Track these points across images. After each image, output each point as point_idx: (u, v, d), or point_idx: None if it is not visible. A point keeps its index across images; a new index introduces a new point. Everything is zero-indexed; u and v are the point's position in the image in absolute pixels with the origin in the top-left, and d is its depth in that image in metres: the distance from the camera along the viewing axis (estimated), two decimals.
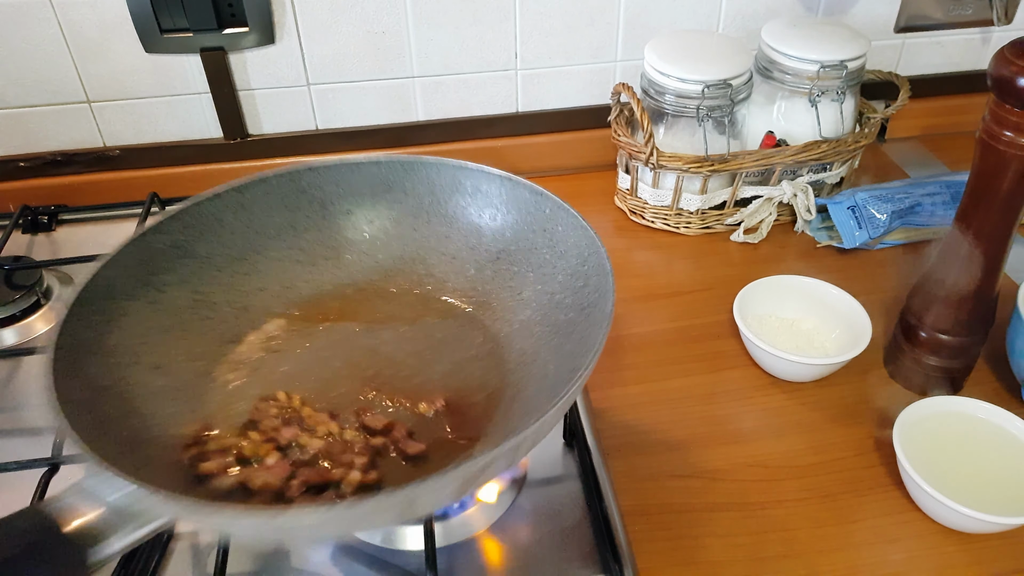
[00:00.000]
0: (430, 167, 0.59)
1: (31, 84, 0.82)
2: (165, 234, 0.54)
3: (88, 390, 0.45)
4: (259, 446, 0.50)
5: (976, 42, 0.97)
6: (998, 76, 0.51)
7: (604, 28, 0.87)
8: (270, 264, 0.59)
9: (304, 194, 0.59)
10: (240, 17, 0.80)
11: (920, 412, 0.58)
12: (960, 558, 0.53)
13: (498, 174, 0.58)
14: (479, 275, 0.59)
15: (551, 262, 0.55)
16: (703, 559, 0.54)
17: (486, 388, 0.53)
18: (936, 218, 0.80)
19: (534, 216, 0.56)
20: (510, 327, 0.56)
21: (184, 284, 0.55)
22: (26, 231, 0.86)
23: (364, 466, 0.48)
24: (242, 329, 0.56)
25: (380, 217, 0.61)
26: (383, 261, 0.61)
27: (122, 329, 0.50)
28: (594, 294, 0.50)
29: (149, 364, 0.51)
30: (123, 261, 0.51)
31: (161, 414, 0.49)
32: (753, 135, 0.82)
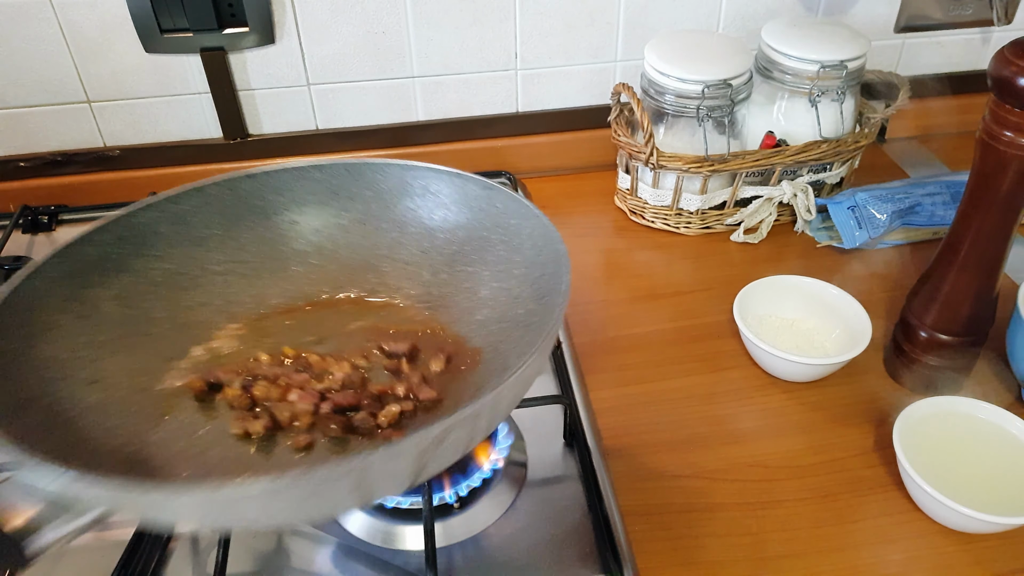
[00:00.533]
0: (375, 169, 0.57)
1: (31, 84, 0.82)
2: (94, 245, 0.51)
3: (11, 401, 0.43)
4: (270, 389, 0.49)
5: (976, 42, 0.97)
6: (998, 76, 0.51)
7: (604, 28, 0.87)
8: (212, 278, 0.56)
9: (244, 203, 0.56)
10: (240, 17, 0.80)
11: (920, 412, 0.58)
12: (960, 558, 0.53)
13: (446, 171, 0.56)
14: (434, 279, 0.57)
15: (507, 257, 0.53)
16: (703, 559, 0.54)
17: (461, 370, 0.51)
18: (936, 218, 0.80)
19: (486, 212, 0.55)
20: (468, 328, 0.54)
21: (119, 299, 0.52)
22: (26, 231, 0.86)
23: (405, 393, 0.48)
24: (185, 345, 0.54)
25: (327, 226, 0.58)
26: (333, 271, 0.58)
27: (50, 342, 0.48)
28: (551, 280, 0.48)
29: (83, 379, 0.48)
30: (49, 272, 0.49)
31: (99, 427, 0.46)
32: (753, 135, 0.82)
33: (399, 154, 0.91)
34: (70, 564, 0.55)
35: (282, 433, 0.48)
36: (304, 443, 0.46)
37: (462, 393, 0.50)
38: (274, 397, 0.49)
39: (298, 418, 0.48)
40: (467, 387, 0.50)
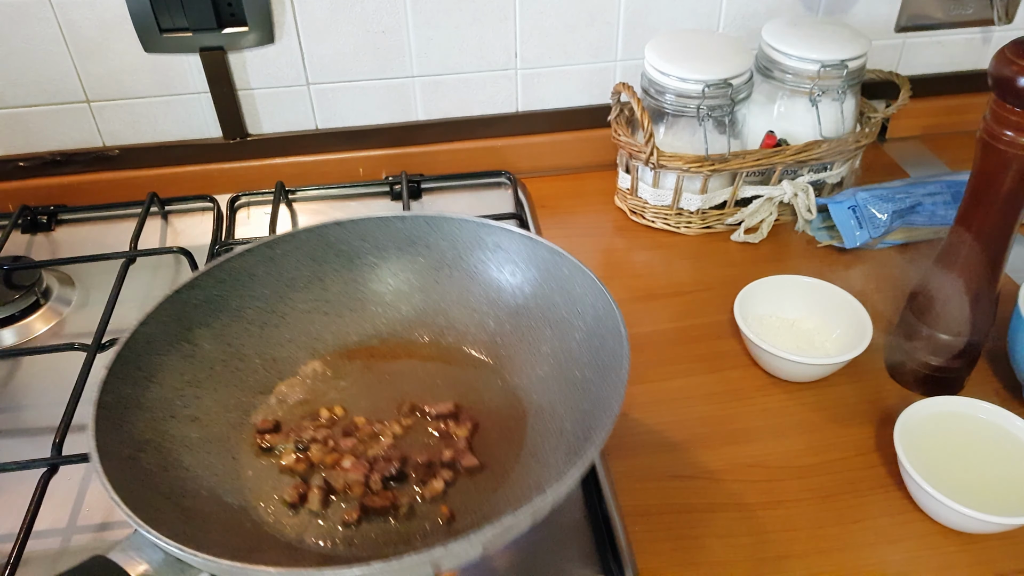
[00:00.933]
0: (452, 224, 0.61)
1: (30, 84, 0.82)
2: (199, 289, 0.56)
3: (130, 446, 0.48)
4: (326, 454, 0.54)
5: (977, 41, 0.97)
6: (999, 76, 0.51)
7: (604, 28, 0.87)
8: (298, 316, 0.61)
9: (331, 248, 0.61)
10: (240, 17, 0.80)
11: (921, 412, 0.58)
12: (961, 558, 0.53)
13: (518, 232, 0.59)
14: (499, 328, 0.60)
15: (569, 320, 0.56)
16: (703, 559, 0.54)
17: (508, 437, 0.55)
18: (937, 218, 0.80)
19: (552, 275, 0.57)
20: (528, 381, 0.58)
21: (217, 338, 0.57)
22: (25, 231, 0.86)
23: (449, 459, 0.53)
24: (271, 380, 0.59)
25: (404, 270, 0.63)
26: (406, 313, 0.63)
27: (159, 384, 0.52)
28: (610, 357, 0.50)
29: (186, 417, 0.53)
30: (160, 317, 0.54)
31: (199, 465, 0.51)
32: (753, 135, 0.82)
33: (399, 154, 0.91)
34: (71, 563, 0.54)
35: (335, 497, 0.52)
36: (355, 517, 0.50)
37: (508, 457, 0.53)
38: (328, 463, 0.53)
39: (351, 487, 0.52)
40: (514, 450, 0.54)
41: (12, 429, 0.65)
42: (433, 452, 0.54)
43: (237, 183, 0.89)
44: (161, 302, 0.54)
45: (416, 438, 0.55)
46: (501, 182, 0.92)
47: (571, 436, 0.51)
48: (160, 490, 0.47)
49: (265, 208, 0.88)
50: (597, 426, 0.46)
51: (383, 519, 0.50)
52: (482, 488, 0.52)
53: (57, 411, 0.60)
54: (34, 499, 0.55)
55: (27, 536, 0.53)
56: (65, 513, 0.58)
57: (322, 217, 0.87)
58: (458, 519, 0.50)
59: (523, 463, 0.53)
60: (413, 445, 0.55)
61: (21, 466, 0.57)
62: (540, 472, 0.51)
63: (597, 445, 0.43)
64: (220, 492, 0.50)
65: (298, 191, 0.89)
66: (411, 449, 0.54)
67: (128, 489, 0.43)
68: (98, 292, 0.78)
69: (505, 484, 0.52)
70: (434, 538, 0.49)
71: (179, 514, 0.46)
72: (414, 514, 0.50)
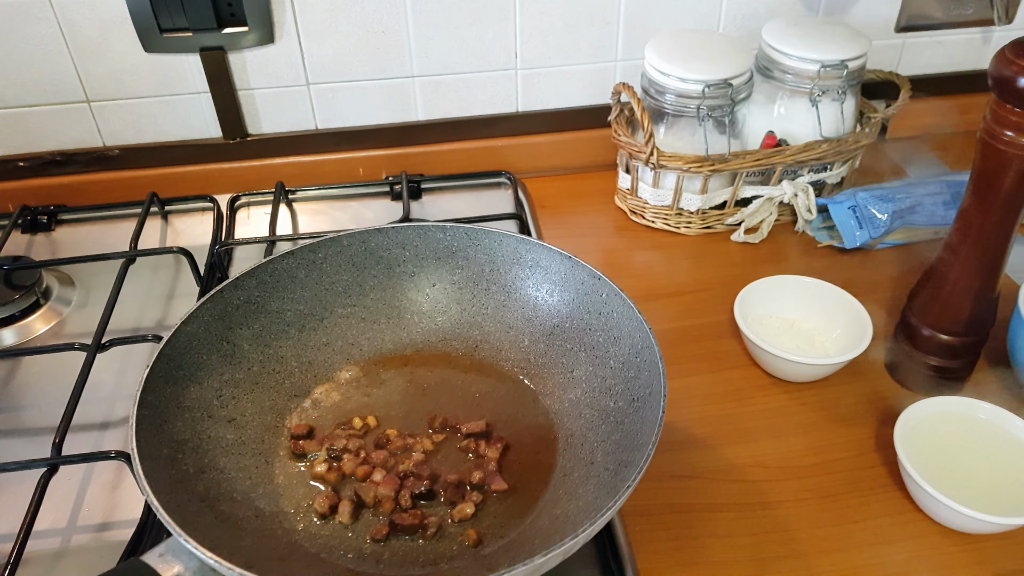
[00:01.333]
0: (492, 237, 0.61)
1: (30, 84, 0.82)
2: (242, 289, 0.57)
3: (170, 446, 0.48)
4: (357, 466, 0.54)
5: (977, 42, 0.97)
6: (999, 76, 0.51)
7: (604, 27, 0.87)
8: (336, 320, 0.61)
9: (372, 254, 0.62)
10: (240, 16, 0.80)
11: (921, 412, 0.58)
12: (961, 558, 0.53)
13: (557, 251, 0.59)
14: (533, 347, 0.61)
15: (604, 346, 0.56)
16: (703, 559, 0.53)
17: (538, 462, 0.55)
18: (937, 218, 0.80)
19: (590, 298, 0.57)
20: (560, 404, 0.57)
21: (256, 339, 0.58)
22: (25, 231, 0.86)
23: (479, 481, 0.53)
24: (307, 383, 0.59)
25: (442, 280, 0.63)
26: (442, 324, 0.63)
27: (199, 383, 0.53)
28: (644, 389, 0.50)
29: (223, 418, 0.54)
30: (203, 316, 0.54)
31: (234, 467, 0.52)
32: (753, 135, 0.82)
33: (399, 154, 0.91)
34: (70, 564, 0.55)
35: (364, 509, 0.52)
36: (384, 533, 0.50)
37: (537, 483, 0.53)
38: (359, 475, 0.53)
39: (381, 502, 0.52)
40: (543, 477, 0.53)
41: (12, 429, 0.65)
42: (463, 472, 0.54)
43: (237, 183, 0.89)
44: (204, 301, 0.54)
45: (447, 455, 0.55)
46: (501, 182, 0.92)
47: (600, 468, 0.50)
48: (196, 492, 0.47)
49: (265, 208, 0.88)
50: (628, 463, 0.46)
51: (411, 537, 0.50)
52: (510, 513, 0.52)
53: (57, 411, 0.60)
54: (34, 499, 0.55)
55: (27, 536, 0.53)
56: (65, 513, 0.58)
57: (323, 217, 0.88)
58: (485, 544, 0.50)
59: (552, 491, 0.52)
60: (444, 462, 0.55)
61: (21, 466, 0.57)
62: (568, 503, 0.50)
63: (629, 486, 0.42)
64: (253, 496, 0.51)
65: (298, 191, 0.89)
66: (441, 466, 0.54)
67: (166, 493, 0.43)
68: (98, 292, 0.78)
69: (533, 511, 0.51)
70: (460, 562, 0.49)
71: (213, 518, 0.46)
72: (442, 535, 0.50)
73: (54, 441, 0.58)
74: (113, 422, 0.65)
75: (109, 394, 0.67)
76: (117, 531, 0.57)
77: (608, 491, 0.46)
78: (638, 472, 0.43)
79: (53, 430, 0.59)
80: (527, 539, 0.49)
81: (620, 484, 0.44)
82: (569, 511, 0.49)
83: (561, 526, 0.47)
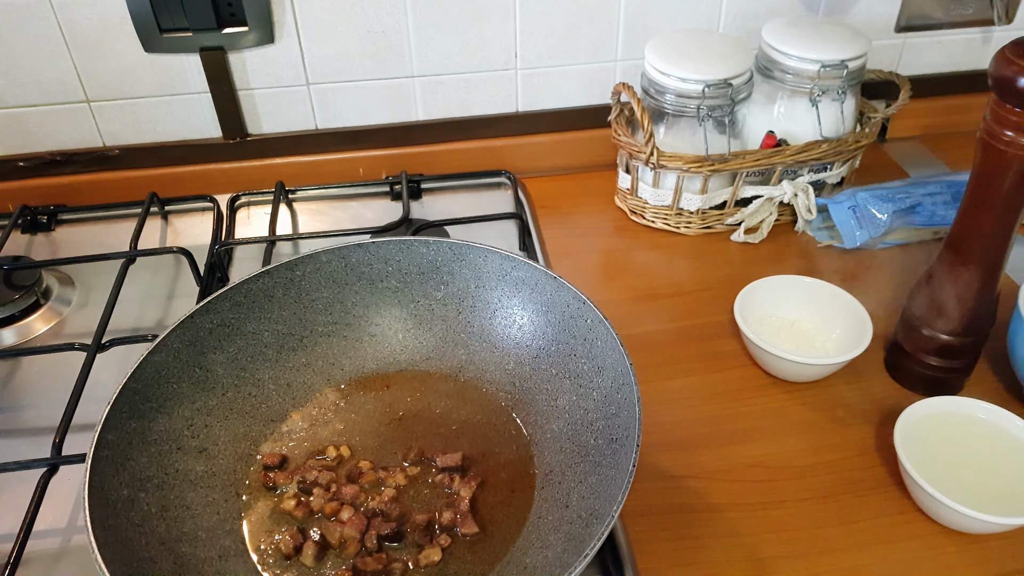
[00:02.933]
0: (478, 253, 0.60)
1: (30, 84, 0.82)
2: (214, 313, 0.55)
3: (130, 486, 0.46)
4: (326, 502, 0.53)
5: (977, 42, 0.97)
6: (999, 76, 0.51)
7: (604, 27, 0.87)
8: (316, 339, 0.60)
9: (353, 270, 0.60)
10: (240, 16, 0.80)
11: (921, 412, 0.58)
12: (961, 559, 0.53)
13: (543, 271, 0.57)
14: (518, 370, 0.59)
15: (588, 375, 0.54)
16: (703, 559, 0.54)
17: (513, 501, 0.53)
18: (937, 218, 0.80)
19: (575, 322, 0.56)
20: (541, 435, 0.56)
21: (231, 362, 0.56)
22: (25, 231, 0.86)
23: (449, 523, 0.51)
24: (284, 407, 0.58)
25: (426, 297, 0.61)
26: (426, 342, 0.62)
27: (168, 414, 0.51)
28: (622, 431, 0.48)
29: (193, 448, 0.52)
30: (172, 344, 0.52)
31: (201, 502, 0.50)
32: (753, 135, 0.82)
33: (399, 154, 0.91)
34: (70, 564, 0.55)
35: (328, 551, 0.51)
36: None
37: (510, 525, 0.51)
38: (327, 512, 0.52)
39: (346, 543, 0.51)
40: (518, 519, 0.52)
41: (12, 429, 0.65)
42: (434, 512, 0.52)
43: (237, 183, 0.89)
44: (173, 328, 0.52)
45: (419, 490, 0.54)
46: (501, 182, 0.92)
47: (574, 514, 0.48)
48: (156, 534, 0.45)
49: (265, 208, 0.89)
50: (599, 515, 0.44)
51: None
52: (479, 559, 0.50)
53: (57, 411, 0.60)
54: (34, 499, 0.55)
55: (27, 536, 0.53)
56: (65, 513, 0.58)
57: (323, 217, 0.88)
58: None
59: (524, 536, 0.51)
60: (416, 498, 0.53)
61: (21, 466, 0.57)
62: (538, 553, 0.48)
63: (594, 545, 0.41)
64: (219, 534, 0.49)
65: (298, 191, 0.89)
66: (413, 503, 0.53)
67: (117, 545, 0.41)
68: (98, 292, 0.78)
69: (502, 560, 0.50)
70: None
71: (172, 562, 0.44)
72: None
73: (54, 441, 0.58)
74: None
75: (109, 394, 0.66)
76: None
77: (577, 543, 0.44)
78: (605, 528, 0.41)
79: (53, 430, 0.59)
80: None
81: (589, 538, 0.42)
82: (538, 562, 0.47)
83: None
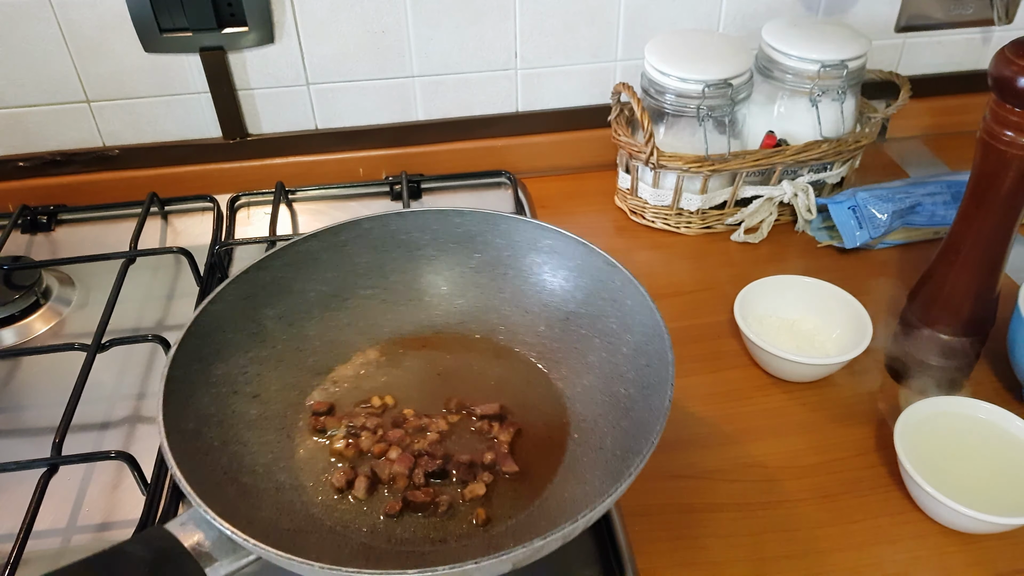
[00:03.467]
0: (510, 222, 0.62)
1: (30, 84, 0.82)
2: (267, 270, 0.58)
3: (195, 420, 0.50)
4: (374, 443, 0.55)
5: (977, 42, 0.97)
6: (999, 76, 0.51)
7: (604, 27, 0.87)
8: (358, 302, 0.63)
9: (393, 237, 0.63)
10: (240, 17, 0.80)
11: (921, 412, 0.58)
12: (961, 559, 0.53)
13: (574, 238, 0.59)
14: (549, 332, 0.61)
15: (617, 333, 0.57)
16: (704, 559, 0.54)
17: (549, 446, 0.56)
18: (937, 218, 0.80)
19: (604, 285, 0.58)
20: (573, 390, 0.58)
21: (281, 318, 0.59)
22: (25, 231, 0.86)
23: (491, 462, 0.54)
24: (329, 362, 0.61)
25: (461, 264, 0.64)
26: (461, 306, 0.64)
27: (225, 360, 0.55)
28: (655, 377, 0.51)
29: (248, 394, 0.55)
30: (229, 296, 0.56)
31: (257, 441, 0.53)
32: (753, 135, 0.82)
33: (399, 154, 0.91)
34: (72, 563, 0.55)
35: (378, 485, 0.53)
36: (397, 509, 0.51)
37: (547, 467, 0.54)
38: (376, 452, 0.55)
39: (395, 479, 0.53)
40: (554, 461, 0.54)
41: (12, 429, 0.65)
42: (476, 453, 0.55)
43: (237, 183, 0.89)
44: (230, 281, 0.56)
45: (461, 436, 0.56)
46: (501, 182, 0.92)
47: (609, 454, 0.51)
48: (219, 465, 0.49)
49: (265, 208, 0.88)
50: (634, 450, 0.47)
51: (422, 514, 0.51)
52: (519, 495, 0.52)
53: (57, 411, 0.60)
54: (34, 499, 0.55)
55: (27, 536, 0.53)
56: (65, 513, 0.58)
57: (323, 217, 0.88)
58: (493, 524, 0.51)
59: (561, 475, 0.53)
60: (457, 443, 0.56)
61: (21, 466, 0.57)
62: (576, 488, 0.51)
63: (632, 474, 0.43)
64: (274, 470, 0.52)
65: (298, 191, 0.89)
66: (455, 447, 0.55)
67: (189, 465, 0.44)
68: (98, 292, 0.78)
69: (541, 495, 0.52)
70: (469, 540, 0.50)
71: (235, 490, 0.48)
72: (453, 513, 0.52)
73: (54, 441, 0.58)
74: (113, 422, 0.65)
75: (109, 394, 0.67)
76: (117, 531, 0.57)
77: (615, 477, 0.47)
78: (641, 460, 0.44)
79: (53, 430, 0.59)
80: (534, 521, 0.50)
81: (624, 470, 0.44)
82: (577, 495, 0.50)
83: (568, 509, 0.48)
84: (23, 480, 0.57)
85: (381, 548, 0.49)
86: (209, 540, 0.43)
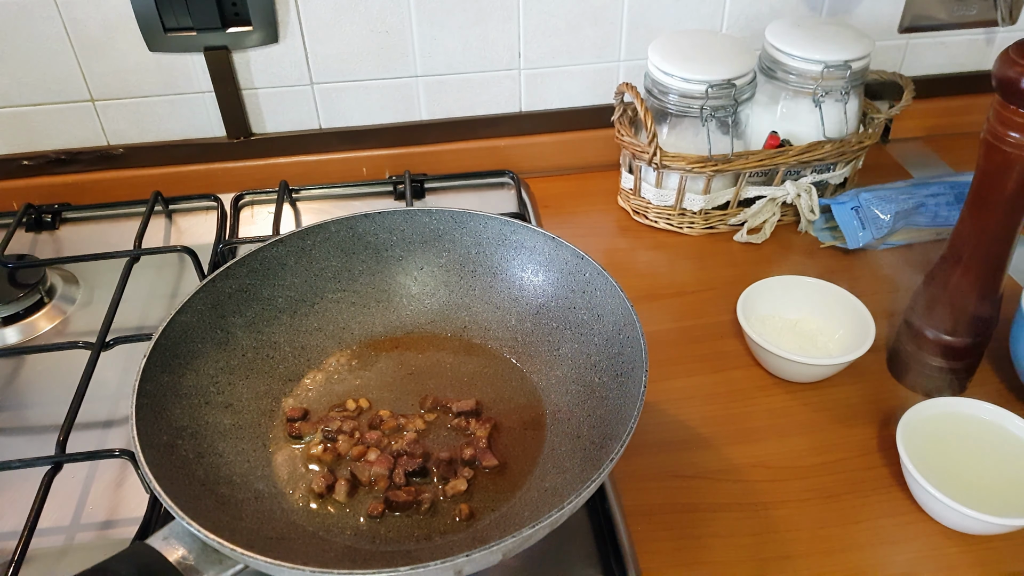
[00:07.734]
0: (478, 220, 0.62)
1: (35, 82, 0.82)
2: (233, 278, 0.58)
3: (168, 432, 0.49)
4: (351, 447, 0.55)
5: (980, 43, 0.97)
6: (1002, 77, 0.51)
7: (607, 28, 0.87)
8: (327, 306, 0.63)
9: (360, 240, 0.63)
10: (244, 16, 0.80)
11: (923, 413, 0.58)
12: (963, 559, 0.53)
13: (541, 233, 0.60)
14: (520, 326, 0.62)
15: (588, 323, 0.57)
16: (706, 559, 0.54)
17: (526, 438, 0.56)
18: (940, 219, 0.80)
19: (574, 277, 0.59)
20: (547, 381, 0.59)
21: (249, 326, 0.59)
22: (29, 229, 0.87)
23: (470, 457, 0.54)
24: (301, 368, 0.61)
25: (429, 264, 0.64)
26: (431, 306, 0.65)
27: (196, 371, 0.54)
28: (627, 364, 0.52)
29: (220, 403, 0.55)
30: (196, 306, 0.55)
31: (232, 451, 0.53)
32: (757, 135, 0.82)
33: (402, 153, 0.91)
34: (74, 561, 0.55)
35: (359, 488, 0.53)
36: (380, 510, 0.51)
37: (526, 458, 0.55)
38: (354, 455, 0.55)
39: (376, 480, 0.53)
40: (533, 452, 0.55)
41: (16, 427, 0.65)
42: (455, 449, 0.55)
43: (241, 182, 0.90)
44: (196, 291, 0.55)
45: (438, 434, 0.57)
46: (504, 182, 0.92)
47: (587, 442, 0.52)
48: (196, 477, 0.48)
49: (269, 207, 0.89)
50: (613, 436, 0.47)
51: (406, 514, 0.52)
52: (501, 488, 0.53)
53: (61, 409, 0.60)
54: (38, 497, 0.55)
55: (31, 534, 0.53)
56: (69, 511, 0.58)
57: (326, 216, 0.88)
58: (477, 518, 0.51)
59: (540, 466, 0.54)
60: (435, 441, 0.56)
61: (25, 464, 0.57)
62: (556, 477, 0.52)
63: (613, 459, 0.44)
64: (252, 479, 0.52)
65: (302, 190, 0.90)
66: (433, 445, 0.56)
67: (168, 478, 0.44)
68: (102, 291, 0.78)
69: (523, 486, 0.53)
70: (454, 536, 0.50)
71: (214, 501, 0.47)
72: (436, 510, 0.52)
73: (58, 439, 0.59)
74: (117, 420, 0.65)
75: (113, 392, 0.67)
76: (121, 528, 0.57)
77: (594, 463, 0.47)
78: (621, 444, 0.44)
79: (57, 428, 0.59)
80: (518, 512, 0.51)
81: (604, 456, 0.45)
82: (557, 484, 0.51)
83: (550, 498, 0.49)
84: (27, 478, 0.58)
85: (366, 550, 0.49)
86: (193, 553, 0.43)
